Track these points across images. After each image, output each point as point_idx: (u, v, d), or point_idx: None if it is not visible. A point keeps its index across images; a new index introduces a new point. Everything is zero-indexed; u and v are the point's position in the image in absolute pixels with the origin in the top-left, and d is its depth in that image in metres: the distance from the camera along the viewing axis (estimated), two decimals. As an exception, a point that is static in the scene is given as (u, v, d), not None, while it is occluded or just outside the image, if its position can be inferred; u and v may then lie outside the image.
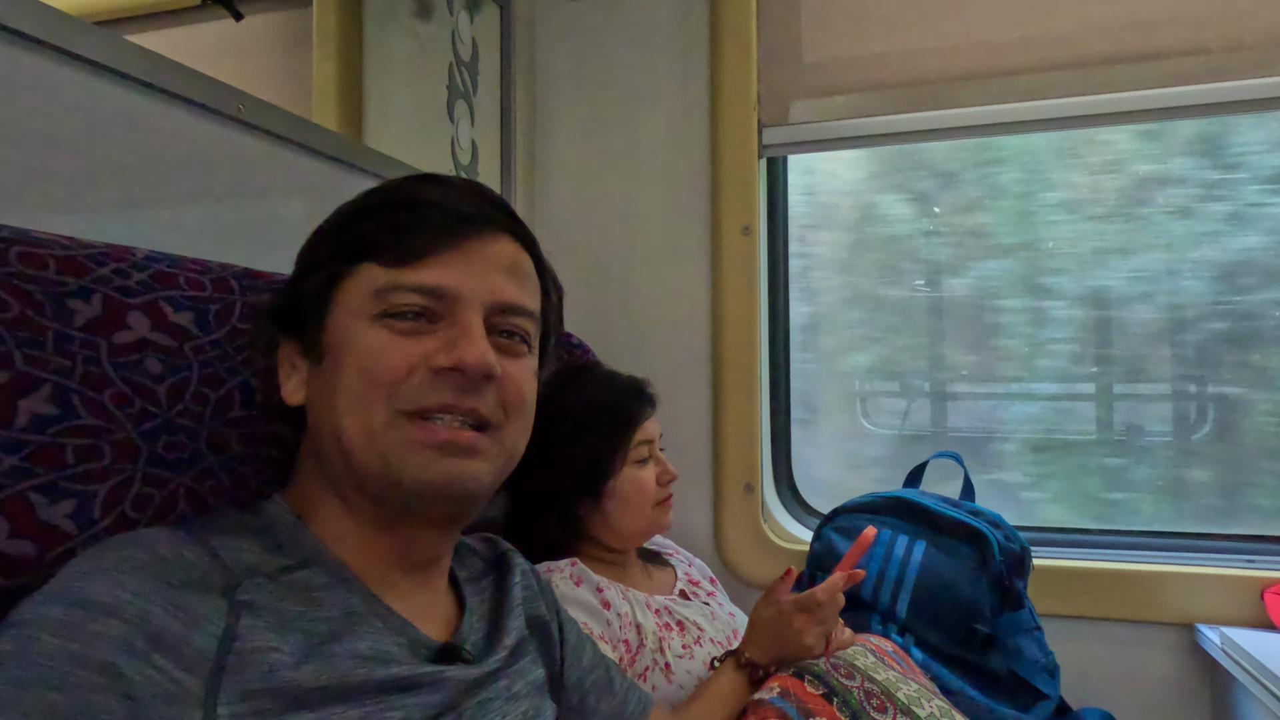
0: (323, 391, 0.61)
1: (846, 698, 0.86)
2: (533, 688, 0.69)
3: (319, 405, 0.62)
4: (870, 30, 1.51)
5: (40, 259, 0.58)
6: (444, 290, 0.60)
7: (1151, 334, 1.53)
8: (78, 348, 0.58)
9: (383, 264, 0.60)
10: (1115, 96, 1.38)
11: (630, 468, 1.10)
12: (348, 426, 0.59)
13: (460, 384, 0.60)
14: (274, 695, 0.49)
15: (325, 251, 0.63)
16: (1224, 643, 1.22)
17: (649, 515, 1.11)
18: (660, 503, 1.12)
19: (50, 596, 0.46)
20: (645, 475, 1.11)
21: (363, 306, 0.60)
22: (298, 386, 0.64)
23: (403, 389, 0.59)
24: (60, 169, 0.75)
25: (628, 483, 1.09)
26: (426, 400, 0.59)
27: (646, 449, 1.12)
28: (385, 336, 0.59)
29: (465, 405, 0.60)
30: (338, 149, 1.10)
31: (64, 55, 0.75)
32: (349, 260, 0.61)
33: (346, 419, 0.59)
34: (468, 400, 0.60)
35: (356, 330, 0.60)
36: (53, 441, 0.55)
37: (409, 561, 0.65)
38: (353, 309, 0.60)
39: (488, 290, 0.62)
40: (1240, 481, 1.49)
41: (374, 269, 0.60)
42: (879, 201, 1.73)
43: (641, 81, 1.64)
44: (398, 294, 0.60)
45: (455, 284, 0.61)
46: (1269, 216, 1.48)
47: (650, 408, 1.15)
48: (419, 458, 0.59)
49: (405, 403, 0.59)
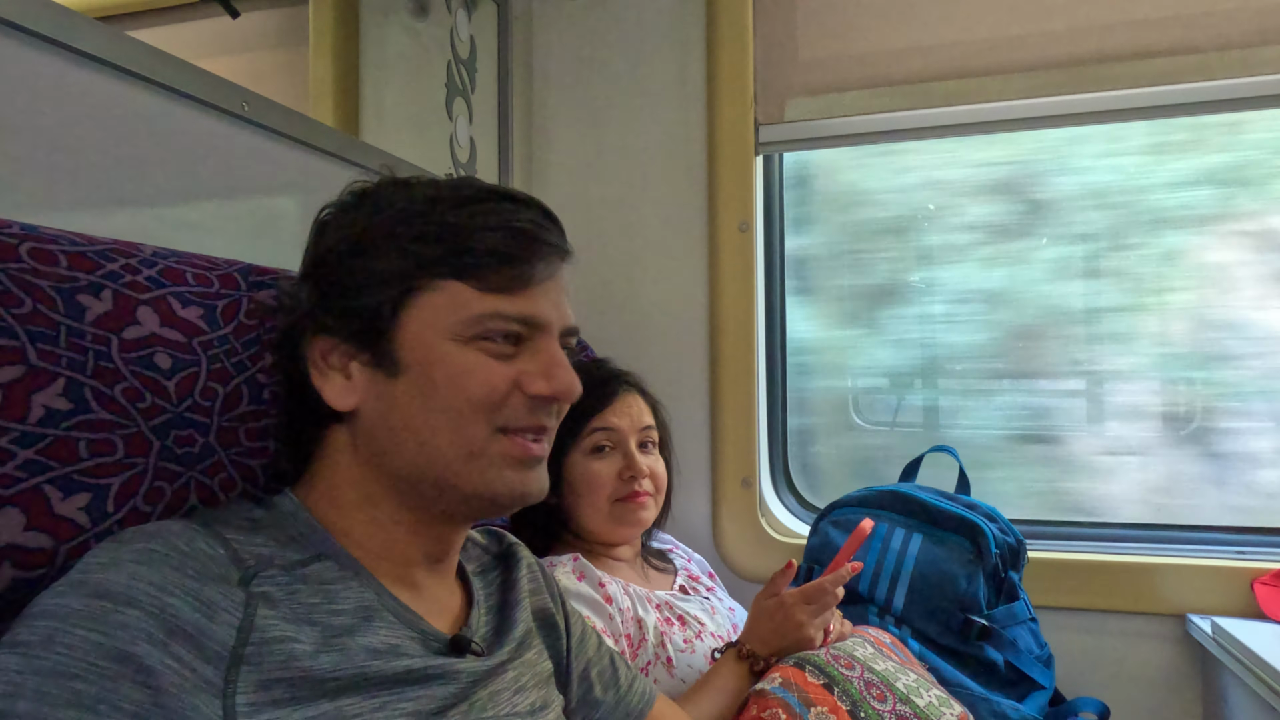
0: (407, 405, 0.61)
1: (847, 687, 0.87)
2: (540, 679, 0.70)
3: (399, 418, 0.61)
4: (866, 28, 1.52)
5: (51, 255, 0.59)
6: (538, 320, 0.64)
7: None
8: (89, 343, 0.58)
9: (479, 288, 0.61)
10: (1108, 95, 1.39)
11: (582, 456, 1.09)
12: (444, 445, 0.61)
13: (549, 407, 0.65)
14: (291, 685, 0.50)
15: (400, 262, 0.61)
16: (1215, 632, 1.23)
17: (604, 510, 1.09)
18: (623, 499, 1.10)
19: (70, 587, 0.47)
20: (599, 466, 1.09)
21: (454, 327, 0.61)
22: (347, 391, 0.62)
23: (501, 411, 0.62)
24: (65, 165, 0.76)
25: (578, 472, 1.09)
26: (523, 421, 0.63)
27: (605, 438, 1.10)
28: (482, 360, 0.62)
29: (549, 425, 0.67)
30: (341, 147, 1.11)
31: (70, 52, 0.75)
32: (429, 276, 0.61)
33: (443, 437, 0.61)
34: (550, 421, 0.67)
35: (447, 351, 0.61)
36: (66, 435, 0.56)
37: (429, 555, 0.66)
38: (440, 327, 0.61)
39: (561, 317, 0.67)
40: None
41: (466, 291, 0.61)
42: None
43: (638, 79, 1.64)
44: (499, 321, 0.62)
45: (546, 314, 0.64)
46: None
47: (616, 398, 1.12)
48: (512, 473, 0.63)
49: (502, 422, 0.62)
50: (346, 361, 0.63)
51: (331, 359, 0.63)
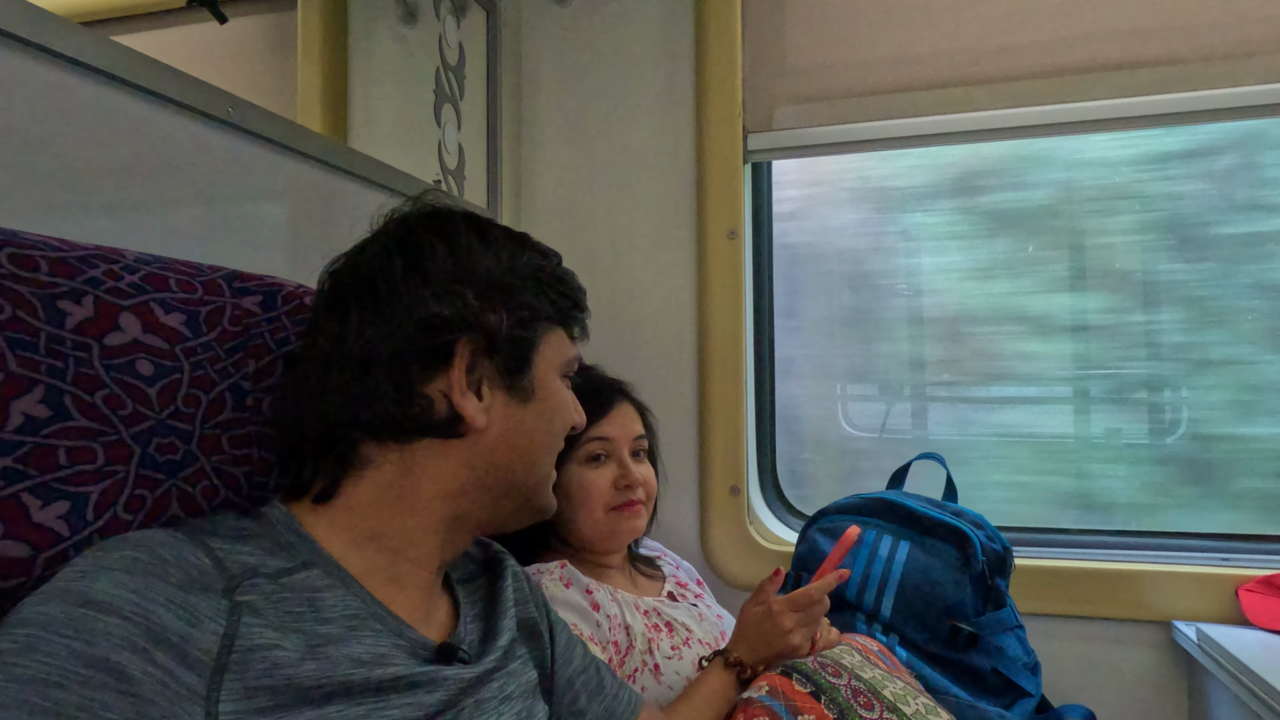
0: (531, 428, 0.69)
1: (834, 695, 0.87)
2: (525, 688, 0.70)
3: (520, 438, 0.69)
4: (855, 37, 1.53)
5: (31, 260, 0.58)
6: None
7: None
8: (70, 349, 0.58)
9: (570, 336, 0.75)
10: (1093, 105, 1.40)
11: (577, 466, 1.09)
12: (546, 464, 0.72)
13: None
14: (276, 692, 0.49)
15: (542, 306, 0.71)
16: (1200, 639, 1.24)
17: (600, 519, 1.09)
18: (619, 508, 1.10)
19: (52, 595, 0.46)
20: (594, 476, 1.10)
21: (561, 368, 0.73)
22: (480, 411, 0.66)
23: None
24: (48, 170, 0.75)
25: (573, 480, 1.09)
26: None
27: (601, 447, 1.11)
28: (571, 395, 0.75)
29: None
30: (327, 153, 1.10)
31: (52, 56, 0.74)
32: (554, 322, 0.72)
33: (548, 458, 0.72)
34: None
35: (558, 386, 0.73)
36: (45, 443, 0.55)
37: (437, 566, 0.68)
38: (554, 365, 0.72)
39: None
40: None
41: (564, 338, 0.74)
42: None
43: (627, 87, 1.65)
44: (574, 365, 0.76)
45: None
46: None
47: (612, 408, 1.13)
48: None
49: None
50: (481, 384, 0.66)
51: (470, 379, 0.66)
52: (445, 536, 0.67)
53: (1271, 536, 1.41)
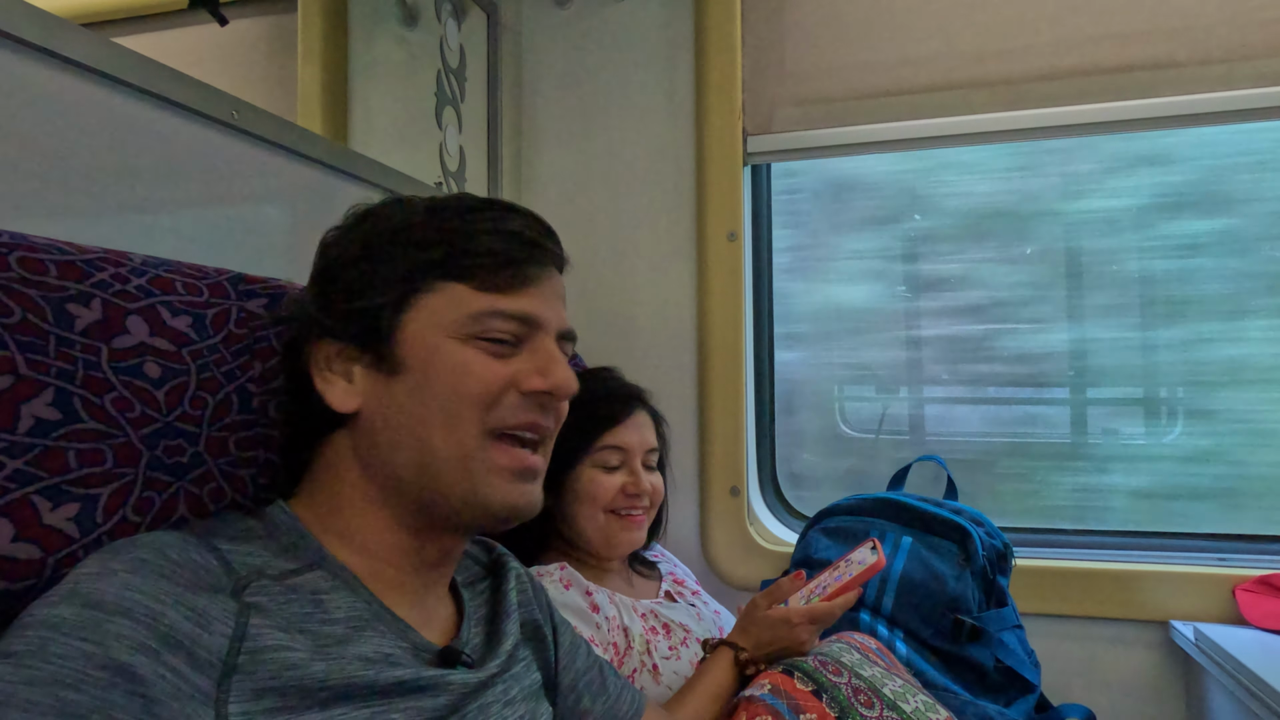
0: (404, 403, 0.62)
1: (835, 694, 0.87)
2: (528, 692, 0.70)
3: (397, 416, 0.63)
4: (854, 40, 1.53)
5: (40, 264, 0.58)
6: (535, 318, 0.65)
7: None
8: (79, 352, 0.58)
9: (477, 288, 0.63)
10: (1091, 108, 1.41)
11: (591, 469, 1.10)
12: (440, 443, 0.62)
13: (544, 404, 0.66)
14: (285, 694, 0.50)
15: (410, 263, 0.64)
16: (1198, 638, 1.25)
17: (601, 521, 1.10)
18: (621, 514, 1.11)
19: (62, 598, 0.46)
20: (604, 478, 1.11)
21: (453, 326, 0.63)
22: (350, 394, 0.63)
23: (496, 408, 0.63)
24: (53, 173, 0.75)
25: (585, 482, 1.10)
26: (517, 418, 0.64)
27: (616, 456, 1.12)
28: (480, 357, 0.63)
29: (544, 424, 0.66)
30: (331, 156, 1.11)
31: (57, 59, 0.75)
32: (430, 278, 0.64)
33: (438, 435, 0.62)
34: (546, 420, 0.66)
35: (448, 349, 0.62)
36: (56, 445, 0.56)
37: (424, 564, 0.66)
38: (440, 326, 0.63)
39: (559, 319, 0.68)
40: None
41: (465, 291, 0.63)
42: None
43: (627, 89, 1.65)
44: (497, 320, 0.64)
45: (542, 313, 0.66)
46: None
47: (631, 416, 1.14)
48: (503, 483, 0.64)
49: (496, 421, 0.63)
50: (349, 365, 0.64)
51: (335, 364, 0.64)
52: (404, 536, 0.64)
53: (1268, 536, 1.42)
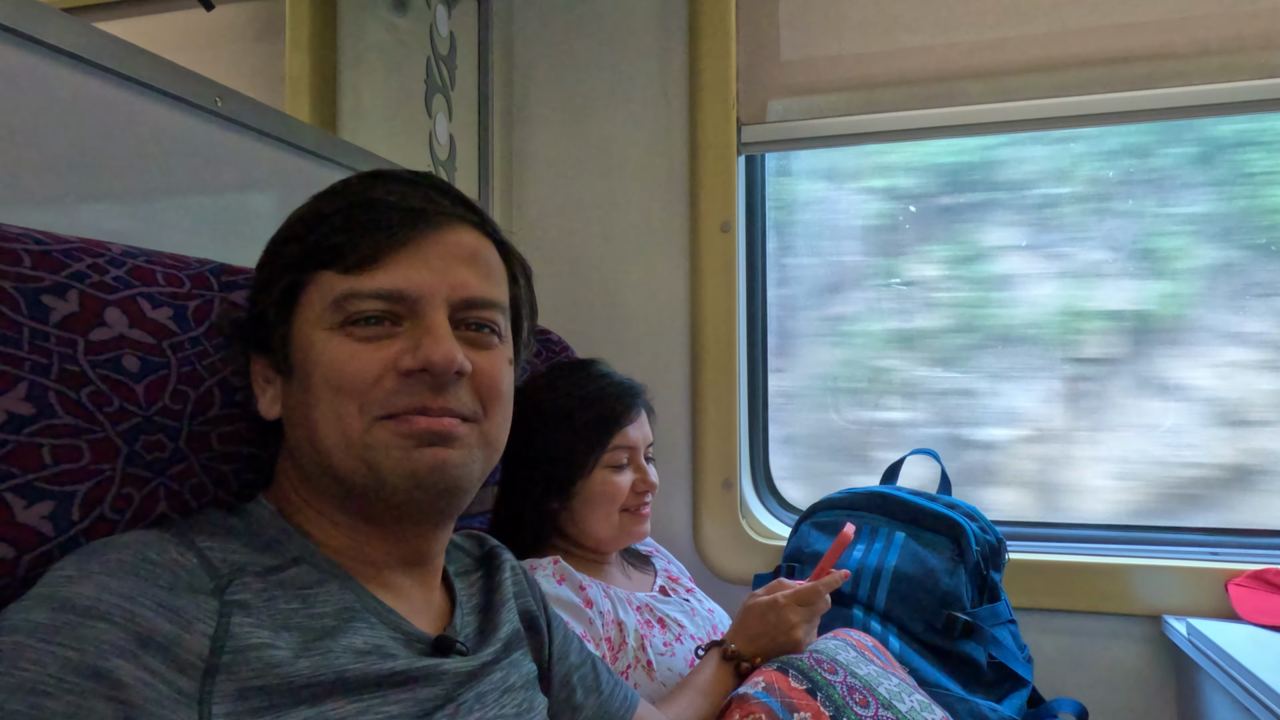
0: (296, 405, 0.60)
1: (830, 692, 0.87)
2: (526, 680, 0.70)
3: (294, 419, 0.61)
4: (849, 30, 1.52)
5: (14, 254, 0.57)
6: (404, 293, 0.59)
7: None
8: (54, 345, 0.57)
9: (338, 271, 0.59)
10: (1088, 99, 1.40)
11: (604, 470, 1.10)
12: (324, 438, 0.58)
13: (431, 384, 0.59)
14: (270, 693, 0.49)
15: (281, 262, 0.61)
16: (1190, 633, 1.25)
17: (615, 521, 1.10)
18: (632, 510, 1.12)
19: (37, 601, 0.45)
20: (618, 480, 1.10)
21: (323, 316, 0.59)
22: (273, 400, 0.63)
23: (374, 396, 0.58)
24: (30, 160, 0.74)
25: (598, 485, 1.09)
26: (399, 404, 0.58)
27: (626, 454, 1.12)
28: (349, 346, 0.58)
29: (439, 404, 0.60)
30: (317, 144, 1.09)
31: (36, 44, 0.73)
32: (305, 269, 0.60)
33: (321, 430, 0.58)
34: (441, 399, 0.60)
35: (319, 341, 0.59)
36: (29, 441, 0.54)
37: (401, 559, 0.64)
38: (314, 319, 0.59)
39: (449, 286, 0.61)
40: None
41: (331, 277, 0.59)
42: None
43: (620, 78, 1.63)
44: (356, 301, 0.58)
45: (415, 284, 0.59)
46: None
47: (637, 413, 1.14)
48: (398, 452, 0.58)
49: (379, 408, 0.58)
50: (269, 372, 0.63)
51: (267, 373, 0.64)
52: (359, 531, 0.62)
53: (1261, 531, 1.42)
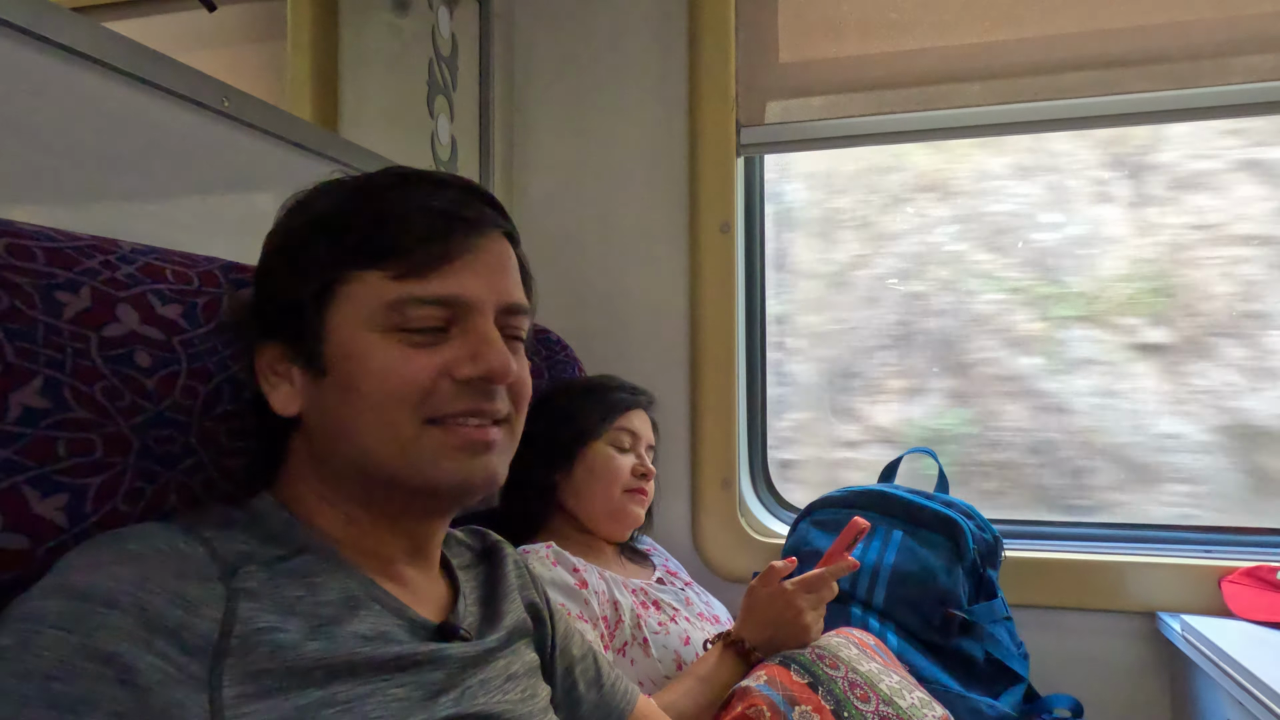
0: (334, 406, 0.60)
1: (831, 687, 0.88)
2: (529, 669, 0.71)
3: (330, 419, 0.61)
4: (847, 32, 1.53)
5: (28, 251, 0.57)
6: (460, 300, 0.61)
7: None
8: (67, 340, 0.57)
9: (390, 275, 0.59)
10: (1082, 102, 1.42)
11: (607, 445, 1.16)
12: (374, 443, 0.59)
13: (484, 390, 0.61)
14: (279, 674, 0.49)
15: (319, 256, 0.60)
16: (1184, 630, 1.26)
17: (617, 498, 1.15)
18: (631, 491, 1.17)
19: (48, 590, 0.46)
20: (622, 459, 1.17)
21: (373, 319, 0.59)
22: (291, 396, 0.62)
23: (429, 401, 0.59)
24: (42, 160, 0.74)
25: (601, 456, 1.15)
26: (453, 408, 0.60)
27: (629, 439, 1.18)
28: (403, 351, 0.59)
29: (488, 408, 0.62)
30: (323, 144, 1.10)
31: (46, 44, 0.73)
32: (347, 267, 0.60)
33: (371, 436, 0.59)
34: (490, 404, 0.62)
35: (368, 344, 0.59)
36: (45, 434, 0.55)
37: (407, 551, 0.66)
38: (359, 320, 0.59)
39: (496, 294, 0.63)
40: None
41: (379, 280, 0.59)
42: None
43: (621, 79, 1.64)
44: (415, 307, 0.59)
45: (470, 293, 0.61)
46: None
47: (643, 409, 1.22)
48: (451, 462, 0.60)
49: (431, 411, 0.60)
50: (289, 367, 0.62)
51: (278, 366, 0.62)
52: (371, 526, 0.63)
53: (1254, 529, 1.43)
